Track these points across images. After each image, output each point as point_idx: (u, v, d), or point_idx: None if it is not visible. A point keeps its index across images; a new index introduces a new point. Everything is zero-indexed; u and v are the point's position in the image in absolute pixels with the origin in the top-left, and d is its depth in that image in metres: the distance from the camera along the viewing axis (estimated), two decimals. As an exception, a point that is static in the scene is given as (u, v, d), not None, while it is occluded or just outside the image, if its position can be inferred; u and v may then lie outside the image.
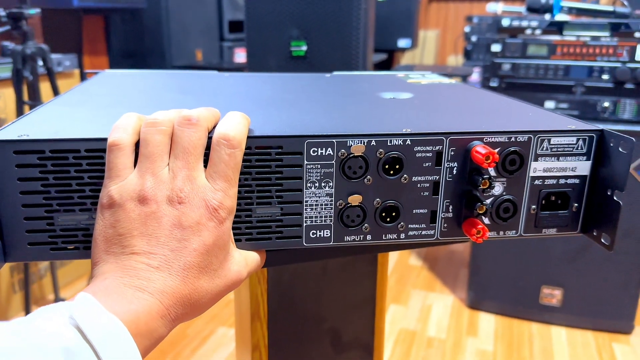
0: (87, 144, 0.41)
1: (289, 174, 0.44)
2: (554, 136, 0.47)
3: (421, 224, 0.48)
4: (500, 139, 0.46)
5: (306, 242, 0.47)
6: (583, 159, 0.48)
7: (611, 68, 1.60)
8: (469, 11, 4.59)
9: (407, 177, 0.46)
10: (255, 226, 0.45)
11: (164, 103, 0.57)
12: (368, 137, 0.44)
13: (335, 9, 1.79)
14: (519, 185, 0.48)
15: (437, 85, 0.75)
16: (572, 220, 0.50)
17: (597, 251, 1.72)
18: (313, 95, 0.65)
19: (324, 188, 0.45)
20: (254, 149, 0.43)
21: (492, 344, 1.75)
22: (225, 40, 2.64)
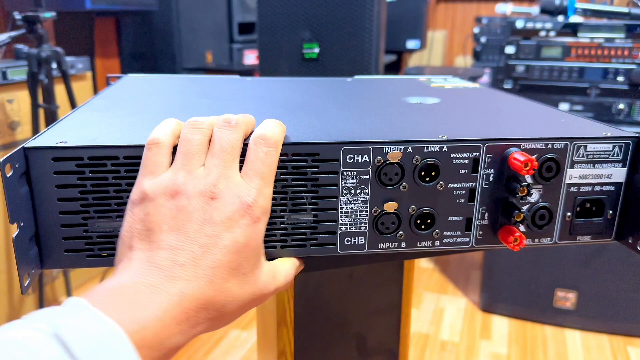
0: (125, 151, 0.41)
1: (325, 181, 0.44)
2: (590, 143, 0.47)
3: (456, 232, 0.48)
4: (537, 145, 0.46)
5: (340, 249, 0.47)
6: (619, 166, 0.48)
7: (626, 70, 1.59)
8: (476, 12, 4.58)
9: (443, 184, 0.46)
10: (290, 233, 0.45)
11: (195, 108, 0.57)
12: (404, 144, 0.44)
13: (348, 11, 1.79)
14: (554, 192, 0.47)
15: (462, 90, 0.74)
16: (606, 227, 0.49)
17: (611, 254, 1.71)
18: (340, 101, 0.65)
19: (359, 195, 0.45)
20: (290, 156, 0.43)
21: (506, 347, 1.74)
22: (235, 42, 2.64)
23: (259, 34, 1.86)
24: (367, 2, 1.77)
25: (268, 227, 0.44)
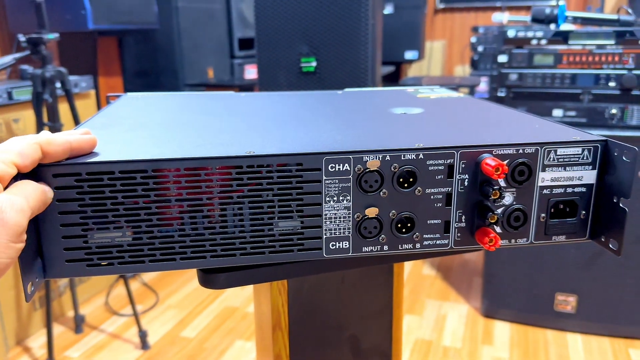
0: (120, 166, 0.44)
1: (309, 189, 0.47)
2: (560, 147, 0.49)
3: (435, 234, 0.51)
4: (508, 151, 0.49)
5: (326, 253, 0.50)
6: (589, 168, 0.50)
7: (617, 75, 1.62)
8: (474, 22, 4.62)
9: (421, 189, 0.49)
10: (278, 239, 0.48)
11: (189, 124, 0.60)
12: (383, 153, 0.47)
13: (344, 25, 1.84)
14: (528, 195, 0.50)
15: (446, 100, 0.77)
16: (580, 227, 0.52)
17: (611, 257, 1.72)
18: (327, 113, 0.68)
19: (342, 202, 0.48)
20: (275, 166, 0.46)
21: (507, 352, 1.75)
22: (235, 57, 2.69)
23: (257, 49, 1.91)
24: (362, 16, 1.82)
25: (256, 234, 0.47)
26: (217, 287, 0.59)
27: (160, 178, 0.44)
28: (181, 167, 0.44)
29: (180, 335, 1.87)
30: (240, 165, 0.45)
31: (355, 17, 1.77)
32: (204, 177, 0.45)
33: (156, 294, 2.14)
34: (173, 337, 1.85)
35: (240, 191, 0.46)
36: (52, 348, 1.64)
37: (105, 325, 1.94)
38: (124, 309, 2.04)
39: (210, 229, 0.46)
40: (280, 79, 1.86)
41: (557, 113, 1.68)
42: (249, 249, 0.48)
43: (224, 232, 0.47)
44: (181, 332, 1.88)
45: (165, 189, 0.45)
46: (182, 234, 0.46)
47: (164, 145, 0.50)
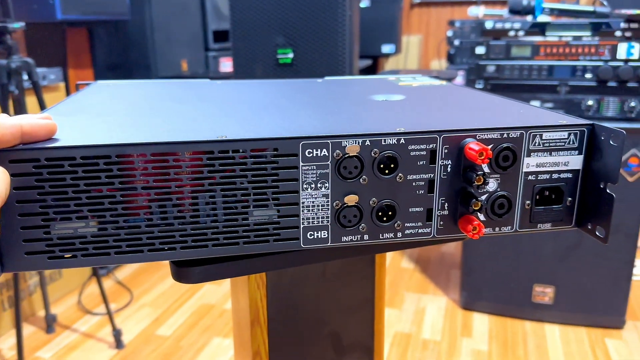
0: (82, 151, 0.41)
1: (285, 176, 0.45)
2: (545, 131, 0.47)
3: (417, 222, 0.49)
4: (492, 135, 0.47)
5: (304, 243, 0.47)
6: (575, 153, 0.49)
7: (594, 67, 1.62)
8: (450, 16, 4.64)
9: (402, 175, 0.47)
10: (253, 229, 0.45)
11: (160, 110, 0.57)
12: (362, 137, 0.45)
13: (321, 16, 1.81)
14: (512, 181, 0.48)
15: (428, 87, 0.76)
16: (566, 215, 0.50)
17: (587, 248, 1.74)
18: (306, 99, 0.65)
19: (320, 189, 0.46)
20: (249, 152, 0.43)
21: (486, 343, 1.75)
22: (210, 50, 2.64)
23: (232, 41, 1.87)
24: (339, 8, 1.79)
25: (230, 224, 0.44)
26: (192, 281, 0.56)
27: (125, 164, 0.41)
28: (147, 152, 0.41)
29: (155, 333, 1.83)
30: (211, 150, 0.42)
31: (333, 8, 1.74)
32: (172, 163, 0.42)
33: (130, 292, 2.09)
34: (148, 336, 1.81)
35: (212, 178, 0.43)
36: (22, 349, 1.58)
37: (78, 324, 1.89)
38: (97, 307, 1.99)
39: (180, 218, 0.44)
40: (256, 71, 1.82)
41: (535, 104, 1.69)
42: (221, 239, 0.45)
43: (195, 222, 0.44)
44: (156, 331, 1.84)
45: (131, 176, 0.42)
46: (150, 224, 0.43)
47: (130, 130, 0.47)
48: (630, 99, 1.62)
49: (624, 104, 1.64)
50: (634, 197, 1.67)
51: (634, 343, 1.75)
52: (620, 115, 1.64)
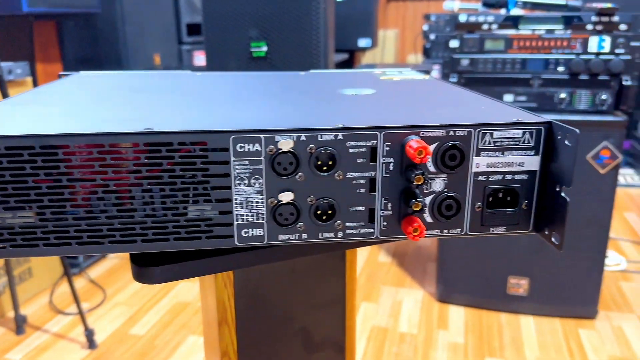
0: (5, 142, 0.39)
1: (216, 171, 0.43)
2: (496, 129, 0.45)
3: (359, 222, 0.47)
4: (437, 133, 0.44)
5: (238, 241, 0.46)
6: (531, 153, 0.46)
7: (566, 60, 1.64)
8: (426, 10, 4.65)
9: (341, 173, 0.45)
10: (183, 225, 0.44)
11: (110, 101, 0.55)
12: (297, 132, 0.43)
13: (295, 9, 1.79)
14: (461, 182, 0.46)
15: (407, 82, 0.74)
16: (523, 218, 0.47)
17: (560, 240, 1.76)
18: (271, 93, 0.64)
19: (254, 185, 0.44)
20: (176, 145, 0.42)
21: (462, 336, 1.76)
22: (183, 43, 2.60)
23: (205, 34, 1.84)
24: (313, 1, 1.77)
25: (161, 219, 0.43)
26: (153, 281, 0.54)
27: (49, 155, 0.40)
28: (71, 143, 0.40)
29: (129, 332, 1.79)
30: (136, 142, 0.41)
31: (306, 1, 1.72)
32: (96, 155, 0.41)
33: (103, 291, 2.06)
34: (122, 335, 1.78)
35: (136, 172, 0.42)
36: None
37: (49, 325, 1.84)
38: (69, 307, 1.94)
39: (105, 212, 0.42)
40: (230, 65, 1.79)
41: (508, 98, 1.69)
42: (150, 235, 0.44)
43: (122, 216, 0.43)
44: (130, 330, 1.81)
45: (55, 168, 0.41)
46: (77, 217, 0.42)
47: (66, 120, 0.45)
48: (602, 92, 1.64)
49: (596, 97, 1.65)
50: (605, 189, 1.69)
51: (606, 332, 1.77)
52: (592, 108, 1.66)
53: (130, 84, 0.70)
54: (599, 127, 1.64)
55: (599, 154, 1.66)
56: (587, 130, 1.65)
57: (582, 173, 1.67)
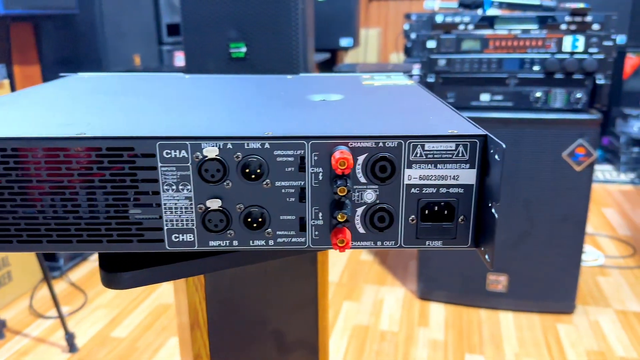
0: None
1: (144, 176, 0.44)
2: (427, 142, 0.44)
3: (290, 231, 0.47)
4: (367, 144, 0.43)
5: (169, 245, 0.47)
6: (466, 167, 0.44)
7: (541, 59, 1.66)
8: (408, 9, 4.68)
9: (270, 182, 0.45)
10: (115, 228, 0.45)
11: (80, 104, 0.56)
12: (223, 140, 0.43)
13: (273, 9, 1.79)
14: (394, 194, 0.45)
15: (385, 88, 0.73)
16: (461, 233, 0.46)
17: (539, 236, 1.78)
18: (232, 98, 0.65)
19: (182, 191, 0.45)
20: (104, 150, 0.43)
21: (443, 332, 1.78)
22: (164, 43, 2.59)
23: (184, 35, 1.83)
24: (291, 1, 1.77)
25: (94, 221, 0.45)
26: (121, 287, 0.55)
27: None
28: (7, 147, 0.42)
29: (110, 335, 1.79)
30: (66, 147, 0.42)
31: (285, 2, 1.72)
32: (31, 158, 0.42)
33: (84, 294, 2.05)
34: (103, 338, 1.77)
35: (69, 175, 0.43)
36: (-32, 357, 1.53)
37: (29, 329, 1.83)
38: (49, 311, 1.93)
39: (43, 212, 0.44)
40: (209, 66, 1.79)
41: (485, 97, 1.71)
42: (85, 236, 0.45)
43: (58, 217, 0.44)
44: (112, 332, 1.80)
45: None
46: (16, 217, 0.44)
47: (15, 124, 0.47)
48: (576, 90, 1.67)
49: (571, 95, 1.68)
50: (581, 186, 1.72)
51: (583, 327, 1.81)
52: (567, 106, 1.69)
53: (110, 87, 0.72)
54: (574, 125, 1.67)
55: (575, 151, 1.69)
56: (562, 129, 1.67)
57: (558, 170, 1.70)
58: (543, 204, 1.75)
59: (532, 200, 1.75)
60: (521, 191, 1.75)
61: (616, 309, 1.91)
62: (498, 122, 1.70)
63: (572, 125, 1.67)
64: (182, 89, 0.72)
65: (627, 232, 2.56)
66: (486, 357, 1.67)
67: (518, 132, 1.70)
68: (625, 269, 2.21)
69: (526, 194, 1.75)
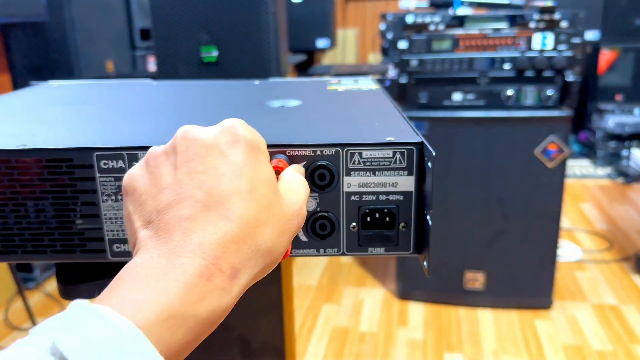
0: None
1: (83, 187, 0.44)
2: (365, 149, 0.44)
3: None
4: (304, 152, 0.44)
5: (111, 255, 0.47)
6: (404, 174, 0.44)
7: (511, 58, 1.67)
8: (385, 9, 4.69)
9: None
10: (58, 238, 0.46)
11: (34, 114, 0.55)
12: None
13: (244, 13, 1.78)
14: (334, 201, 0.45)
15: (347, 93, 0.72)
16: (403, 240, 0.46)
17: (514, 232, 1.80)
18: (189, 104, 0.64)
19: (121, 201, 0.44)
20: (44, 162, 0.43)
21: (422, 332, 1.79)
22: (137, 48, 2.56)
23: (154, 39, 1.82)
24: (262, 5, 1.77)
25: (33, 233, 0.45)
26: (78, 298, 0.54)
27: None
28: None
29: (87, 345, 1.76)
30: (8, 159, 0.43)
31: (255, 5, 1.72)
32: None
33: (61, 305, 2.01)
34: (79, 348, 1.75)
35: (11, 187, 0.44)
36: (-61, 373, 1.50)
37: (4, 342, 1.80)
38: (25, 323, 1.90)
39: None
40: (180, 70, 1.78)
41: (457, 97, 1.72)
42: (29, 247, 0.45)
43: (5, 227, 0.45)
44: (88, 342, 1.78)
45: None
46: None
47: None
48: (547, 88, 1.69)
49: (541, 93, 1.70)
50: (554, 182, 1.73)
51: (560, 322, 1.82)
52: (538, 104, 1.70)
53: (74, 96, 0.72)
54: (545, 122, 1.69)
55: (547, 148, 1.71)
56: (534, 126, 1.69)
57: (531, 167, 1.72)
58: (517, 201, 1.77)
59: (506, 197, 1.77)
60: (495, 189, 1.76)
61: (593, 303, 1.93)
62: (470, 121, 1.71)
63: (544, 123, 1.69)
64: (144, 96, 0.72)
65: (604, 226, 2.60)
66: (465, 355, 1.68)
67: (490, 131, 1.71)
68: (601, 263, 2.24)
69: (500, 192, 1.76)
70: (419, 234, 0.46)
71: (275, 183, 0.35)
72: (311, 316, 1.89)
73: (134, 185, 0.34)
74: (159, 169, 0.33)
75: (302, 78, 0.91)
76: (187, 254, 0.29)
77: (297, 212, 0.36)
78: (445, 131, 1.73)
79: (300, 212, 0.36)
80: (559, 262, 2.08)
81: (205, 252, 0.29)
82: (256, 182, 0.33)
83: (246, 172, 0.33)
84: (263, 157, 0.35)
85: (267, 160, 0.35)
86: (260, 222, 0.32)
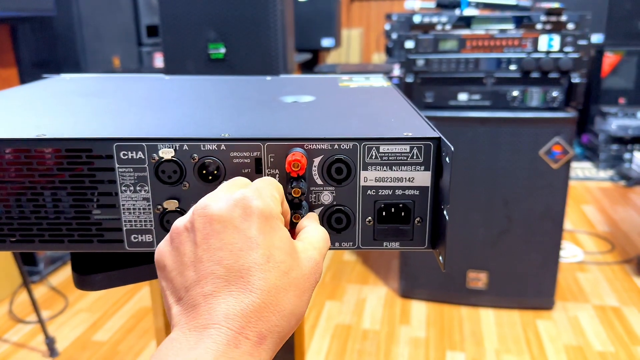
0: None
1: (102, 177, 0.44)
2: (382, 144, 0.44)
3: None
4: (323, 146, 0.44)
5: (129, 246, 0.47)
6: (421, 169, 0.44)
7: (518, 59, 1.68)
8: (389, 9, 4.70)
9: None
10: (75, 228, 0.46)
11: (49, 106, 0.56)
12: (179, 142, 0.44)
13: (251, 11, 1.79)
14: (351, 195, 0.45)
15: (360, 90, 0.72)
16: (418, 235, 0.46)
17: (518, 233, 1.80)
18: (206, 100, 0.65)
19: (140, 192, 0.45)
20: (64, 152, 0.44)
21: (424, 330, 1.80)
22: (143, 45, 2.57)
23: (162, 35, 1.83)
24: (270, 3, 1.78)
25: (49, 222, 0.45)
26: (95, 288, 0.56)
27: None
28: None
29: (92, 339, 1.78)
30: (27, 148, 0.43)
31: (263, 3, 1.73)
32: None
33: (65, 298, 2.03)
34: (84, 342, 1.76)
35: (29, 176, 0.44)
36: (-55, 364, 1.51)
37: (9, 334, 1.81)
38: (30, 315, 1.91)
39: (7, 213, 0.45)
40: (188, 67, 1.79)
41: (463, 97, 1.73)
42: (47, 236, 0.46)
43: (20, 217, 0.45)
44: (93, 336, 1.79)
45: None
46: None
47: None
48: (552, 89, 1.69)
49: (547, 94, 1.70)
50: (558, 183, 1.74)
51: (562, 322, 1.83)
52: (544, 105, 1.71)
53: (89, 88, 0.72)
54: (550, 124, 1.69)
55: (551, 149, 1.72)
56: (539, 127, 1.70)
57: (535, 168, 1.72)
58: (521, 202, 1.77)
59: (510, 198, 1.77)
60: (499, 189, 1.77)
61: (594, 305, 1.94)
62: (476, 121, 1.72)
63: (549, 124, 1.69)
64: (159, 90, 0.72)
65: (606, 228, 2.60)
66: (467, 354, 1.69)
67: (495, 131, 1.72)
68: (603, 264, 2.24)
69: (504, 192, 1.77)
70: (434, 229, 0.46)
71: (291, 245, 0.36)
72: (314, 313, 1.90)
73: (164, 262, 0.36)
74: (183, 245, 0.35)
75: (312, 75, 0.92)
76: (214, 325, 0.31)
77: (314, 269, 0.37)
78: (450, 131, 1.74)
79: (317, 268, 0.37)
80: (561, 263, 2.08)
81: (230, 323, 0.31)
82: (272, 250, 0.35)
83: (261, 243, 0.34)
84: (277, 223, 0.36)
85: (281, 226, 0.37)
86: (281, 289, 0.34)
